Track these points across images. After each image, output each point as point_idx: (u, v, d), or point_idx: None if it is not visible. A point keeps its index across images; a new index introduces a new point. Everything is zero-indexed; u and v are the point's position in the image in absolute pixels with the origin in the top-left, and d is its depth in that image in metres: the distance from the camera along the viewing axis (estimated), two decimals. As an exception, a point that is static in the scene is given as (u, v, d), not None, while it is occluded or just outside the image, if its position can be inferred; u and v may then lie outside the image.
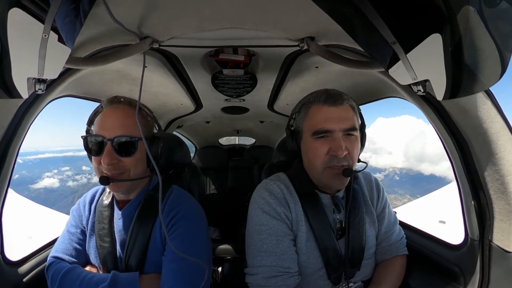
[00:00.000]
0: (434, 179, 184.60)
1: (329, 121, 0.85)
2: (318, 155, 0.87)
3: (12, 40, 0.53)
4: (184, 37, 0.86)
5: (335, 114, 0.86)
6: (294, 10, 0.72)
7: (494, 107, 0.74)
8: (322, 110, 0.88)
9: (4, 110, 0.80)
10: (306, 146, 0.93)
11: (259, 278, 0.85)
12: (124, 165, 0.86)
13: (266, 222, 0.89)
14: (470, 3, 0.45)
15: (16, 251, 1.01)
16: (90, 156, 0.90)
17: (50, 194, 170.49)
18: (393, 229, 1.05)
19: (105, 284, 0.80)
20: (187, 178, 1.40)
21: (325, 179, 0.89)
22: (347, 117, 0.87)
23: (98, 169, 0.87)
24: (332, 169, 0.86)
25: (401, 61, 0.60)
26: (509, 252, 0.76)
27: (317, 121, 0.87)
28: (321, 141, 0.87)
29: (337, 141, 0.84)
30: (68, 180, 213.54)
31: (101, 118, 0.88)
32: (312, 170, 0.93)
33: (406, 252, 1.06)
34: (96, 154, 0.86)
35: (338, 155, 0.83)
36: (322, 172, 0.88)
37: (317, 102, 0.90)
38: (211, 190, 3.23)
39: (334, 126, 0.85)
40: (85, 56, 0.83)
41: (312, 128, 0.88)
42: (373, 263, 1.02)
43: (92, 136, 0.87)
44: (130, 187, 0.92)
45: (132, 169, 0.88)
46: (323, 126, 0.86)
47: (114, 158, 0.84)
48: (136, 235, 0.90)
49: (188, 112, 2.02)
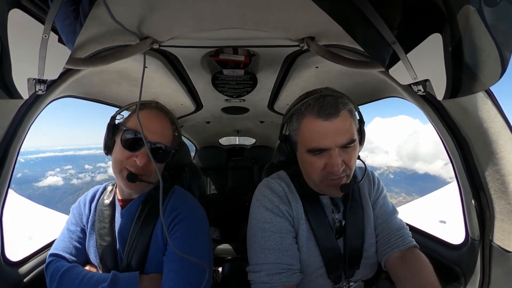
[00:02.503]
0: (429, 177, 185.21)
1: (324, 138, 0.79)
2: (314, 169, 0.84)
3: (13, 40, 0.53)
4: (184, 37, 0.86)
5: (330, 129, 0.79)
6: (294, 10, 0.72)
7: (495, 106, 0.74)
8: (316, 125, 0.80)
9: (5, 110, 0.80)
10: (301, 159, 0.90)
11: (262, 275, 0.84)
12: (151, 169, 0.89)
13: (269, 219, 0.89)
14: (470, 3, 0.45)
15: (16, 251, 1.02)
16: (109, 147, 0.94)
17: (55, 192, 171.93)
18: (391, 218, 1.01)
19: (105, 284, 0.80)
20: (187, 178, 1.40)
21: (324, 188, 0.88)
22: (344, 130, 0.80)
23: (121, 162, 0.89)
24: (329, 181, 0.84)
25: (401, 61, 0.60)
26: (510, 252, 0.76)
27: (311, 138, 0.81)
28: (317, 157, 0.83)
29: (334, 158, 0.79)
30: (72, 178, 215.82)
31: (144, 118, 0.89)
32: (309, 180, 0.91)
33: (415, 244, 0.97)
34: (131, 150, 0.88)
35: (334, 173, 0.80)
36: (319, 184, 0.87)
37: (309, 114, 0.82)
38: (211, 190, 3.23)
39: (330, 143, 0.79)
40: (85, 56, 0.83)
41: (306, 144, 0.83)
42: (374, 263, 1.02)
43: (134, 132, 0.89)
44: (142, 190, 0.95)
45: (154, 173, 0.91)
46: (318, 144, 0.80)
47: (148, 161, 0.87)
48: (137, 234, 0.90)
49: (188, 112, 2.02)
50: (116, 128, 0.94)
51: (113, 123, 0.95)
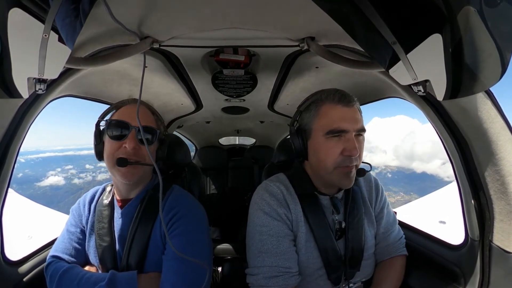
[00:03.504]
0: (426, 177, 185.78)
1: (344, 121, 0.85)
2: (331, 155, 0.86)
3: (13, 40, 0.53)
4: (185, 37, 0.86)
5: (348, 115, 0.86)
6: (294, 10, 0.72)
7: (494, 107, 0.74)
8: (337, 109, 0.87)
9: (5, 110, 0.80)
10: (316, 146, 0.90)
11: (260, 278, 0.85)
12: (142, 153, 0.91)
13: (267, 223, 0.89)
14: (470, 3, 0.45)
15: (16, 251, 1.02)
16: (98, 145, 0.94)
17: (57, 191, 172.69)
18: (392, 229, 1.05)
19: (103, 283, 0.80)
20: (187, 178, 1.40)
21: (335, 177, 0.88)
22: (358, 118, 0.88)
23: (113, 155, 0.89)
24: (343, 168, 0.86)
25: (401, 61, 0.60)
26: (509, 252, 0.76)
27: (332, 120, 0.86)
28: (334, 141, 0.86)
29: (352, 142, 0.84)
30: (74, 178, 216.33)
31: (124, 111, 0.94)
32: (321, 169, 0.91)
33: (406, 253, 1.05)
34: (118, 139, 0.90)
35: (353, 155, 0.83)
36: (332, 171, 0.87)
37: (330, 101, 0.88)
38: (211, 190, 3.23)
39: (349, 126, 0.85)
40: (85, 56, 0.83)
41: (326, 127, 0.86)
42: (373, 264, 1.02)
43: (117, 121, 0.92)
44: (139, 179, 0.95)
45: (147, 158, 0.92)
46: (339, 126, 0.85)
47: (137, 144, 0.89)
48: (136, 234, 0.90)
49: (188, 112, 2.02)
50: (102, 131, 0.95)
51: (99, 129, 0.96)
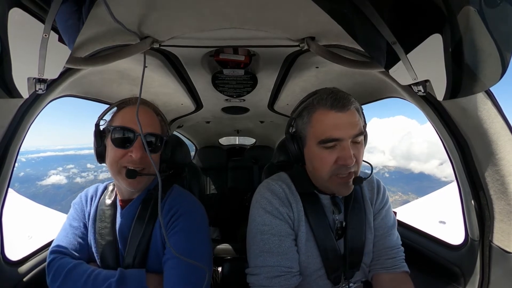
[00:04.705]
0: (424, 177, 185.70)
1: (337, 128, 0.80)
2: (325, 164, 0.83)
3: (13, 40, 0.53)
4: (185, 37, 0.86)
5: (343, 121, 0.80)
6: (294, 10, 0.72)
7: (494, 107, 0.74)
8: (329, 116, 0.81)
9: (5, 110, 0.80)
10: (311, 154, 0.87)
11: (261, 278, 0.84)
12: (148, 161, 0.88)
13: (269, 222, 0.88)
14: (470, 3, 0.45)
15: (16, 250, 1.01)
16: (99, 148, 0.92)
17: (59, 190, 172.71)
18: (390, 232, 1.00)
19: (114, 279, 0.81)
20: (187, 178, 1.40)
21: (332, 185, 0.87)
22: (355, 122, 0.81)
23: (117, 163, 0.88)
24: (339, 177, 0.83)
25: (401, 61, 0.60)
26: (509, 252, 0.76)
27: (324, 128, 0.81)
28: (328, 150, 0.82)
29: (347, 150, 0.79)
30: (76, 177, 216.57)
31: (128, 115, 0.90)
32: (317, 177, 0.90)
33: (408, 270, 0.96)
34: (123, 147, 0.87)
35: (348, 164, 0.79)
36: (329, 179, 0.85)
37: (322, 107, 0.82)
38: (211, 190, 3.23)
39: (343, 134, 0.79)
40: (85, 56, 0.83)
41: (319, 136, 0.82)
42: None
43: (122, 128, 0.88)
44: (145, 185, 0.94)
45: (152, 166, 0.90)
46: (331, 135, 0.80)
47: (143, 153, 0.87)
48: (137, 233, 0.90)
49: (188, 112, 2.02)
50: (103, 133, 0.93)
51: (99, 130, 0.94)
